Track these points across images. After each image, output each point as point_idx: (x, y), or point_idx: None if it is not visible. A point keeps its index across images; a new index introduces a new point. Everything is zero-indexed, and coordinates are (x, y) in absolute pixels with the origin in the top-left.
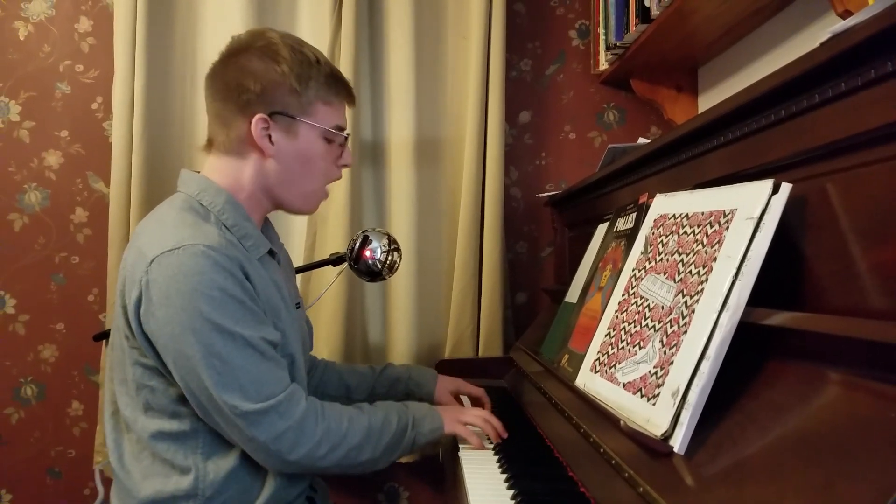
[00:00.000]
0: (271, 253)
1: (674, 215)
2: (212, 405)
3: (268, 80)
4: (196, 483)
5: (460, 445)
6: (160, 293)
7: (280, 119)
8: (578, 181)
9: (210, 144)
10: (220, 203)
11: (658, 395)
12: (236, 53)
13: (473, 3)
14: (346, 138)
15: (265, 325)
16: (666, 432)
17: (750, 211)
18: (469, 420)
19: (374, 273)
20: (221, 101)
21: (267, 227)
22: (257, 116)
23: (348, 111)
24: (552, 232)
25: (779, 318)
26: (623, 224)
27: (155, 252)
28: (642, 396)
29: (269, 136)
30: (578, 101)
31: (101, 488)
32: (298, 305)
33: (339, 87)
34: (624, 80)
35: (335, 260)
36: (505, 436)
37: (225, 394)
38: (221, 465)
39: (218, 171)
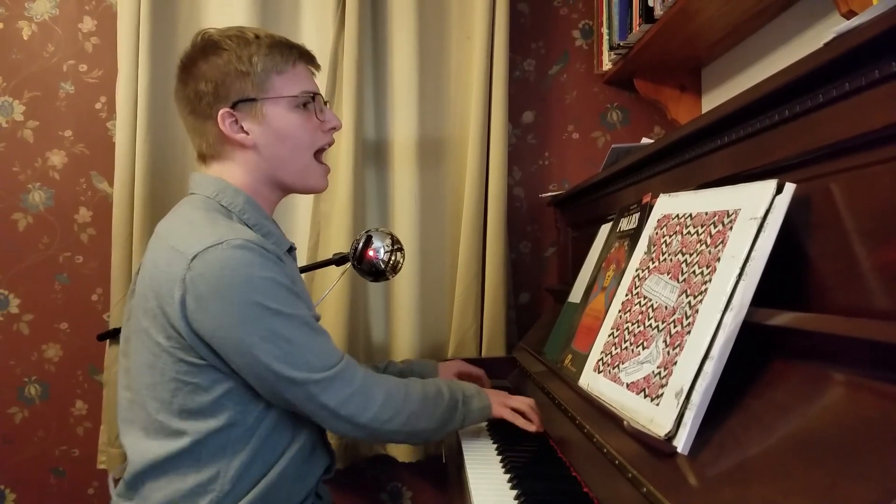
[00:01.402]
0: (290, 250)
1: (677, 215)
2: (281, 384)
3: (216, 75)
4: (216, 479)
5: (464, 445)
6: (209, 288)
7: (242, 106)
8: (582, 181)
9: (202, 157)
10: (240, 203)
11: (661, 395)
12: (187, 66)
13: (477, 3)
14: (314, 98)
15: (309, 308)
16: (669, 432)
17: (754, 211)
18: (516, 405)
19: (378, 273)
20: (190, 115)
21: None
22: (220, 112)
23: (350, 111)
24: (555, 232)
25: (783, 319)
26: (626, 224)
27: (195, 249)
28: (646, 396)
29: (242, 127)
30: (582, 101)
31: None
32: None
33: (284, 52)
34: (627, 80)
35: (338, 260)
36: (542, 430)
37: (294, 370)
38: (241, 462)
39: (222, 177)
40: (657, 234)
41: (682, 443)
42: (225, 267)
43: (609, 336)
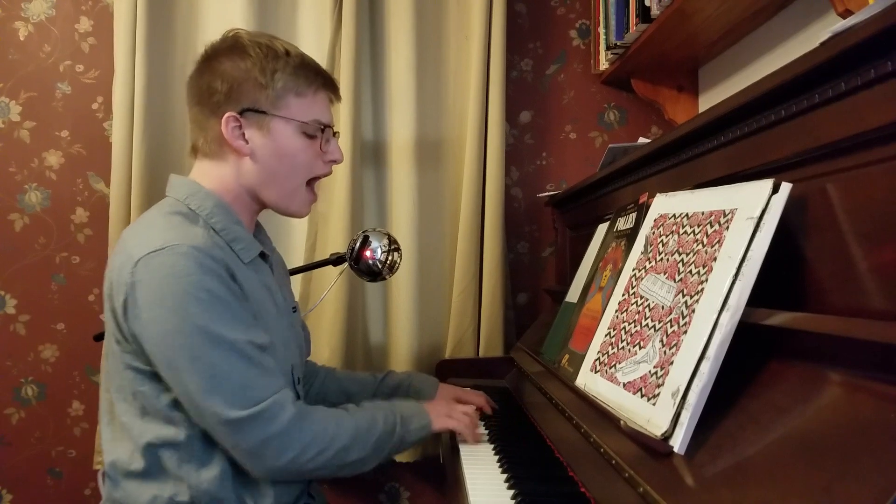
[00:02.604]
0: (263, 256)
1: (674, 215)
2: (196, 411)
3: (233, 78)
4: (191, 491)
5: (461, 446)
6: (146, 294)
7: (251, 116)
8: (579, 181)
9: (194, 150)
10: (208, 207)
11: (658, 395)
12: (209, 58)
13: (474, 3)
14: (325, 131)
15: (253, 328)
16: (666, 432)
17: (750, 211)
18: (456, 416)
19: (375, 273)
20: (196, 106)
21: (258, 231)
22: (226, 115)
23: (347, 112)
24: (553, 232)
25: (779, 319)
26: (623, 224)
27: (140, 253)
28: (642, 396)
29: (244, 135)
30: (579, 101)
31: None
32: (295, 310)
33: (308, 75)
34: (625, 80)
35: (335, 260)
36: (477, 443)
37: (208, 400)
38: (216, 472)
39: (203, 175)
40: (654, 233)
41: (678, 443)
42: (164, 275)
43: (606, 336)
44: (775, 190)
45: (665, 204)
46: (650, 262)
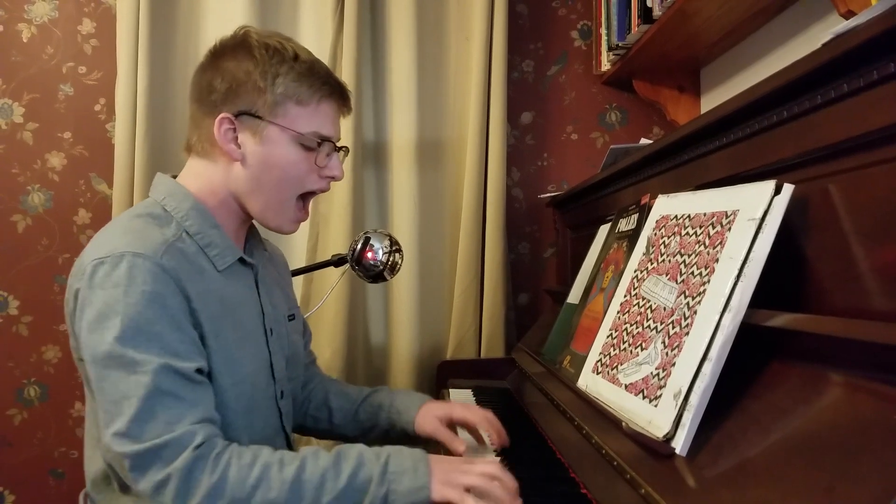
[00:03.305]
0: (244, 262)
1: (676, 216)
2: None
3: (234, 78)
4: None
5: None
6: (81, 303)
7: (246, 120)
8: (580, 182)
9: (188, 147)
10: (184, 209)
11: (660, 396)
12: (215, 55)
13: (475, 4)
14: (323, 145)
15: (183, 351)
16: (668, 434)
17: (752, 212)
18: (468, 482)
19: (376, 274)
20: (195, 102)
21: (252, 235)
22: (220, 116)
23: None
24: (554, 233)
25: (781, 320)
26: (625, 225)
27: (86, 260)
28: (644, 398)
29: (237, 139)
30: (580, 102)
31: None
32: (293, 317)
33: (314, 83)
34: (626, 81)
35: (337, 261)
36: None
37: (108, 426)
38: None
39: (192, 174)
40: (656, 234)
41: (680, 444)
42: (97, 284)
43: (608, 337)
44: (777, 191)
45: (667, 205)
46: (652, 264)
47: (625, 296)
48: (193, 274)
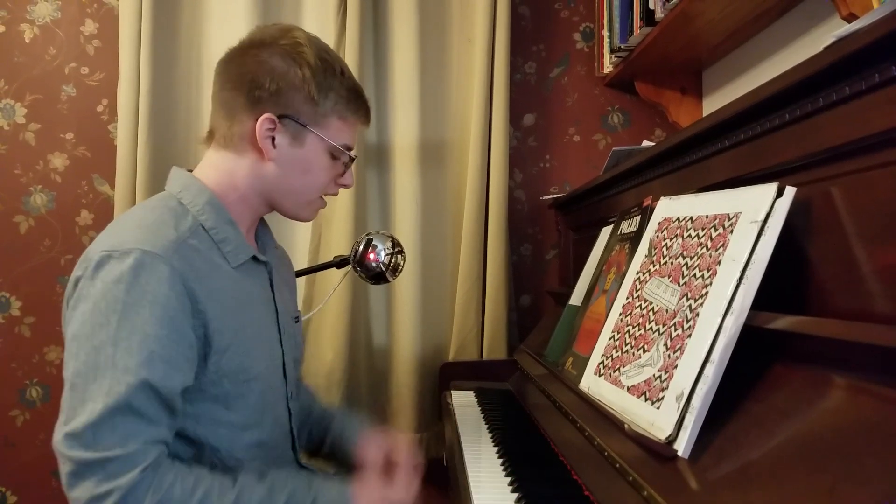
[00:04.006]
0: (257, 259)
1: (678, 218)
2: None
3: (286, 82)
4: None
5: (465, 448)
6: (79, 293)
7: (289, 124)
8: (583, 184)
9: (210, 137)
10: (200, 203)
11: (662, 398)
12: (259, 46)
13: (478, 5)
14: (351, 159)
15: (171, 366)
16: (670, 436)
17: (754, 214)
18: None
19: (378, 275)
20: (231, 91)
21: (262, 231)
22: (265, 116)
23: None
24: (556, 234)
25: (783, 322)
26: (627, 227)
27: (94, 250)
28: (646, 400)
29: (273, 139)
30: (583, 104)
31: None
32: (297, 320)
33: (358, 105)
34: (628, 83)
35: (339, 262)
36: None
37: (65, 423)
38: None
39: (212, 166)
40: (658, 237)
41: (682, 446)
42: (98, 277)
43: (610, 339)
44: (779, 193)
45: (669, 207)
46: (654, 266)
47: (627, 298)
48: (205, 272)
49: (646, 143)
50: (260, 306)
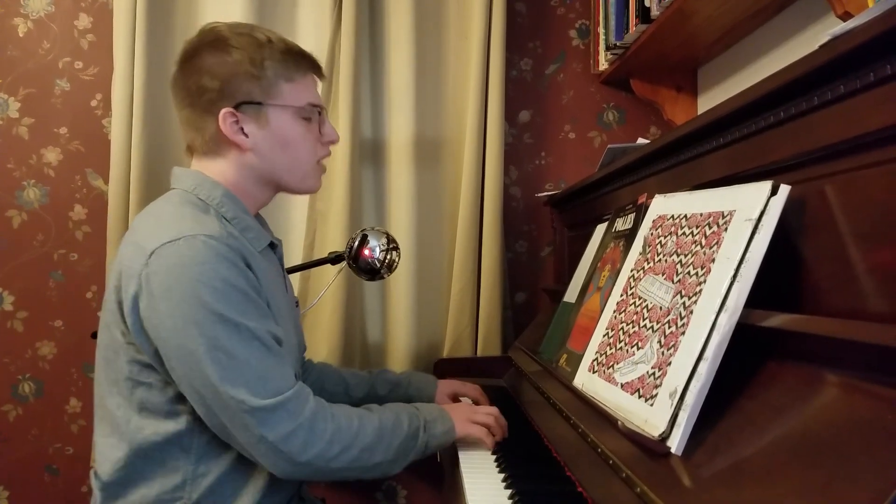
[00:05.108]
0: (272, 246)
1: (672, 216)
2: (217, 402)
3: (224, 73)
4: (184, 485)
5: (458, 444)
6: (161, 285)
7: (247, 109)
8: (578, 181)
9: (190, 150)
10: (217, 196)
11: (656, 395)
12: (190, 56)
13: (474, 2)
14: (319, 113)
15: (269, 319)
16: (663, 433)
17: (749, 212)
18: (480, 420)
19: (373, 272)
20: (187, 108)
21: (262, 224)
22: (223, 112)
23: (346, 110)
24: (551, 232)
25: (777, 320)
26: (622, 224)
27: (154, 244)
28: (640, 397)
29: (242, 130)
30: (578, 101)
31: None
32: (297, 304)
33: (298, 60)
34: (624, 80)
35: (334, 259)
36: (506, 435)
37: (232, 388)
38: (212, 469)
39: (204, 171)
40: (652, 234)
41: (675, 443)
42: (179, 264)
43: (604, 336)
44: (774, 192)
45: (664, 205)
46: (648, 263)
47: (621, 295)
48: (249, 253)
49: (641, 141)
50: (280, 288)
